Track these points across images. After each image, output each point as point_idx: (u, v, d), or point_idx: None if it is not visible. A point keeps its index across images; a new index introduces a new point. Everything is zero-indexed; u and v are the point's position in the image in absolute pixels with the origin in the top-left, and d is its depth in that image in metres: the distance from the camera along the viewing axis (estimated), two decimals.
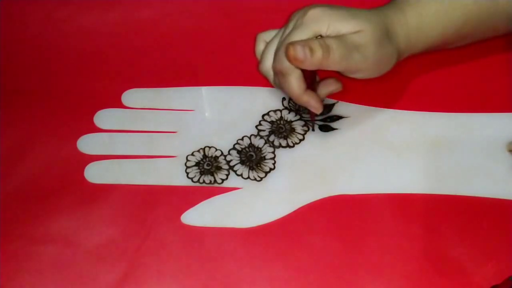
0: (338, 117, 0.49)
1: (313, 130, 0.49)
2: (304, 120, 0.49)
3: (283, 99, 0.50)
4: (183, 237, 0.45)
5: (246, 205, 0.46)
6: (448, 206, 0.45)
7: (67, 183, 0.47)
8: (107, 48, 0.53)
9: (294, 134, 0.49)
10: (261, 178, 0.47)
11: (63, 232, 0.45)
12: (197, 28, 0.53)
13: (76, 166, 0.48)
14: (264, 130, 0.49)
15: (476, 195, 0.45)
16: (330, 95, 0.48)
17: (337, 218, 0.45)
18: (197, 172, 0.47)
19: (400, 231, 0.44)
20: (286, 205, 0.46)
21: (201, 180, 0.47)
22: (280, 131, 0.49)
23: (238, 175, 0.47)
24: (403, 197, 0.46)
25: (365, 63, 0.44)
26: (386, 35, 0.44)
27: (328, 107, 0.49)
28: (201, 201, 0.46)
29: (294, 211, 0.45)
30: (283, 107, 0.50)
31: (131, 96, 0.51)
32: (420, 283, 0.43)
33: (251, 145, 0.49)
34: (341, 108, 0.50)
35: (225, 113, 0.50)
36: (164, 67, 0.52)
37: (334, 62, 0.42)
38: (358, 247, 0.44)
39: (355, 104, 0.50)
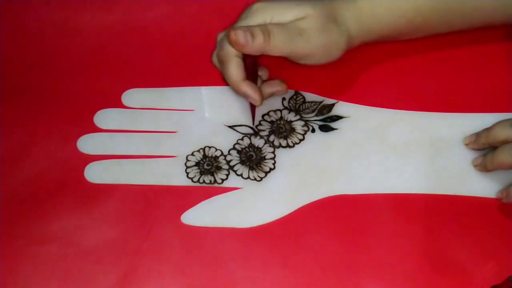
0: (338, 117, 0.49)
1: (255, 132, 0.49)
2: (304, 120, 0.49)
3: (283, 99, 0.50)
4: (183, 237, 0.45)
5: (246, 205, 0.46)
6: (448, 206, 0.45)
7: (67, 183, 0.47)
8: (107, 48, 0.53)
9: (294, 134, 0.49)
10: (261, 178, 0.47)
11: (63, 232, 0.45)
12: (197, 28, 0.53)
13: (76, 166, 0.48)
14: (264, 130, 0.49)
15: (476, 195, 0.45)
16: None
17: (337, 218, 0.45)
18: (197, 172, 0.47)
19: (400, 231, 0.44)
20: (286, 205, 0.46)
21: (201, 180, 0.47)
22: (280, 131, 0.49)
23: (238, 175, 0.47)
24: (403, 197, 0.46)
25: (310, 48, 0.45)
26: (333, 20, 0.45)
27: (328, 107, 0.50)
28: (201, 201, 0.46)
29: (294, 211, 0.45)
30: (283, 107, 0.50)
31: (131, 96, 0.51)
32: (420, 283, 0.43)
33: (251, 145, 0.49)
34: (341, 108, 0.50)
35: (225, 113, 0.50)
36: (164, 67, 0.52)
37: (276, 46, 0.43)
38: (358, 247, 0.44)
39: (355, 104, 0.50)
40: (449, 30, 0.49)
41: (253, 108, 0.48)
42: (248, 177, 0.47)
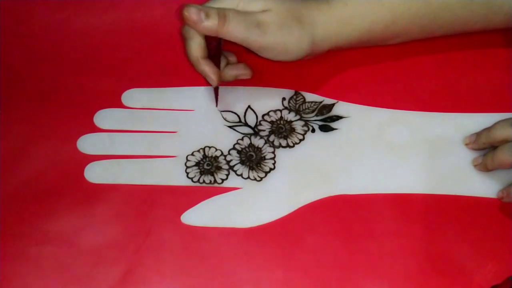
0: (338, 117, 0.49)
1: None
2: (304, 120, 0.49)
3: (283, 99, 0.50)
4: (183, 237, 0.45)
5: (246, 205, 0.46)
6: (448, 206, 0.45)
7: (67, 183, 0.47)
8: (107, 48, 0.53)
9: (294, 134, 0.49)
10: (261, 178, 0.47)
11: (63, 232, 0.45)
12: None
13: (76, 166, 0.48)
14: (264, 130, 0.49)
15: (476, 195, 0.46)
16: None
17: (337, 218, 0.45)
18: (197, 172, 0.47)
19: (400, 231, 0.44)
20: (286, 205, 0.46)
21: (201, 180, 0.47)
22: (280, 131, 0.49)
23: (238, 175, 0.47)
24: (403, 197, 0.46)
25: (264, 41, 0.45)
26: (297, 19, 0.45)
27: (328, 107, 0.50)
28: (201, 201, 0.46)
29: (294, 211, 0.45)
30: (283, 107, 0.50)
31: (131, 96, 0.51)
32: (420, 283, 0.43)
33: (251, 145, 0.49)
34: (341, 108, 0.50)
35: (225, 113, 0.50)
36: (164, 67, 0.52)
37: (229, 32, 0.43)
38: (358, 247, 0.44)
39: (355, 104, 0.50)
40: (426, 37, 0.49)
41: (215, 90, 0.49)
42: (248, 177, 0.47)
